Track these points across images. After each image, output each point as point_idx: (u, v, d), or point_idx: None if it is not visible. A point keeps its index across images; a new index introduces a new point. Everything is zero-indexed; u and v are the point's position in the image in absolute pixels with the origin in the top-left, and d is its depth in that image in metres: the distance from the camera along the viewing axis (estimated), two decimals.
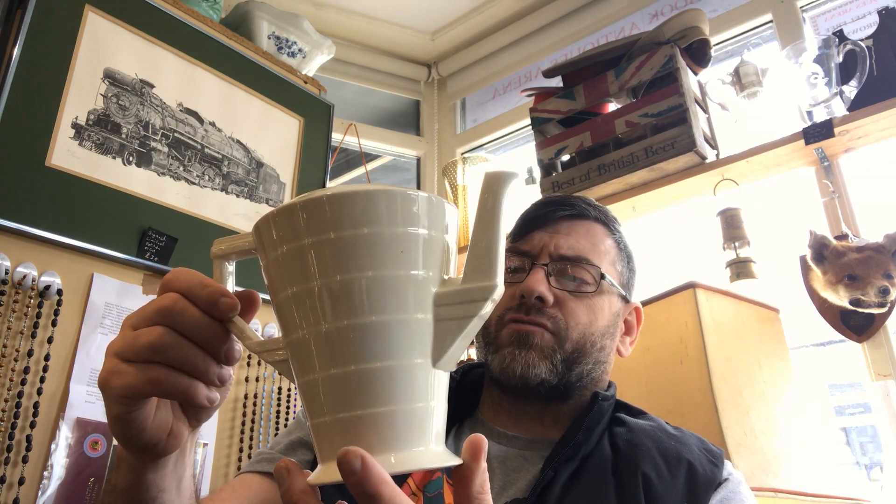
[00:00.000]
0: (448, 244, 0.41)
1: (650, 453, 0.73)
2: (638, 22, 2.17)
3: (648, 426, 0.79)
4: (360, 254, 0.38)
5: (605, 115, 1.68)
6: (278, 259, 0.40)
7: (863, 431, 1.69)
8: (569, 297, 0.82)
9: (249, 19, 1.77)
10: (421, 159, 2.57)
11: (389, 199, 0.38)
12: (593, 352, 0.82)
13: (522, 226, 0.89)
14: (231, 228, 1.53)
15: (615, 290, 0.85)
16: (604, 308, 0.84)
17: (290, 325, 0.40)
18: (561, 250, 0.83)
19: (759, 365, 1.26)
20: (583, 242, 0.84)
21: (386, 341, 0.38)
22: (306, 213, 0.38)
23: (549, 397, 0.80)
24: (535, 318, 0.80)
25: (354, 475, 0.35)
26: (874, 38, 1.45)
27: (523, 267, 0.84)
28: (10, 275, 1.17)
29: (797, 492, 1.10)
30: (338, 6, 2.37)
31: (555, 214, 0.87)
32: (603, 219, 0.89)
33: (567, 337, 0.80)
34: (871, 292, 1.26)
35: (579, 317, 0.81)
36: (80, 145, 1.31)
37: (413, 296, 0.39)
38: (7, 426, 1.12)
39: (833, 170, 1.50)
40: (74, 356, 1.23)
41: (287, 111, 1.75)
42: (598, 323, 0.83)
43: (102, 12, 1.40)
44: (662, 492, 0.69)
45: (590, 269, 0.83)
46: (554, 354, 0.79)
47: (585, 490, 0.71)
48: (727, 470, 0.76)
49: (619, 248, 0.89)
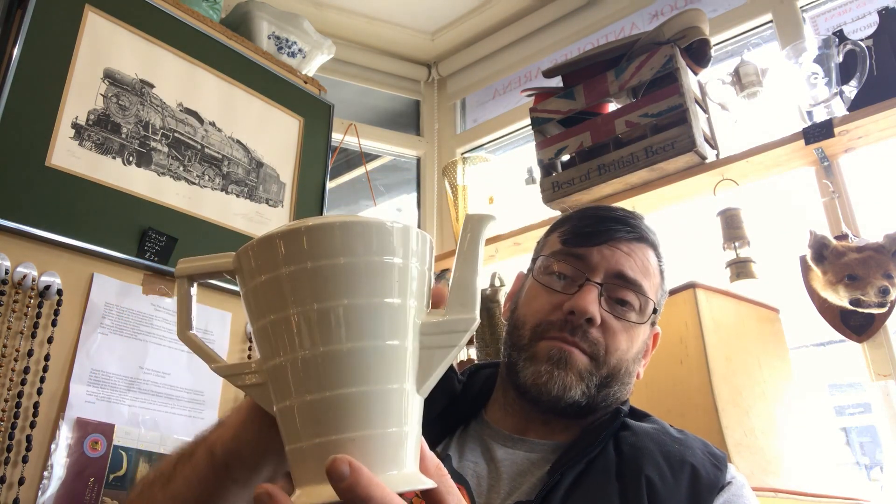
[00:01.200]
0: (425, 273, 0.43)
1: (653, 457, 0.73)
2: (638, 22, 2.17)
3: (652, 429, 0.79)
4: (336, 283, 0.39)
5: (605, 115, 1.68)
6: (258, 287, 0.41)
7: (863, 431, 1.69)
8: (615, 322, 0.80)
9: (249, 19, 1.77)
10: (421, 159, 2.57)
11: (365, 229, 0.40)
12: (623, 377, 0.82)
13: (581, 235, 0.85)
14: (231, 228, 1.53)
15: (653, 318, 0.85)
16: (640, 335, 0.84)
17: (268, 351, 0.41)
18: (618, 271, 0.81)
19: (759, 365, 1.26)
20: (640, 268, 0.83)
21: (361, 367, 0.39)
22: (284, 244, 0.40)
23: (570, 414, 0.80)
24: (578, 340, 0.78)
25: (344, 480, 0.35)
26: (874, 38, 1.45)
27: (575, 280, 0.82)
28: (10, 275, 1.17)
29: (797, 492, 1.10)
30: (338, 6, 2.37)
31: (618, 233, 0.84)
32: (656, 243, 0.88)
33: (605, 362, 0.79)
34: (871, 292, 1.26)
35: (620, 343, 0.80)
36: (80, 145, 1.31)
37: (388, 323, 0.40)
38: (7, 426, 1.12)
39: (833, 170, 1.50)
40: (74, 356, 1.23)
41: (287, 111, 1.75)
42: (634, 349, 0.82)
43: (102, 12, 1.40)
44: (666, 495, 0.69)
45: (640, 298, 0.82)
46: (591, 378, 0.78)
47: (589, 493, 0.71)
48: (730, 473, 0.76)
49: (661, 276, 0.88)
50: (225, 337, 1.46)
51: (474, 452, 0.82)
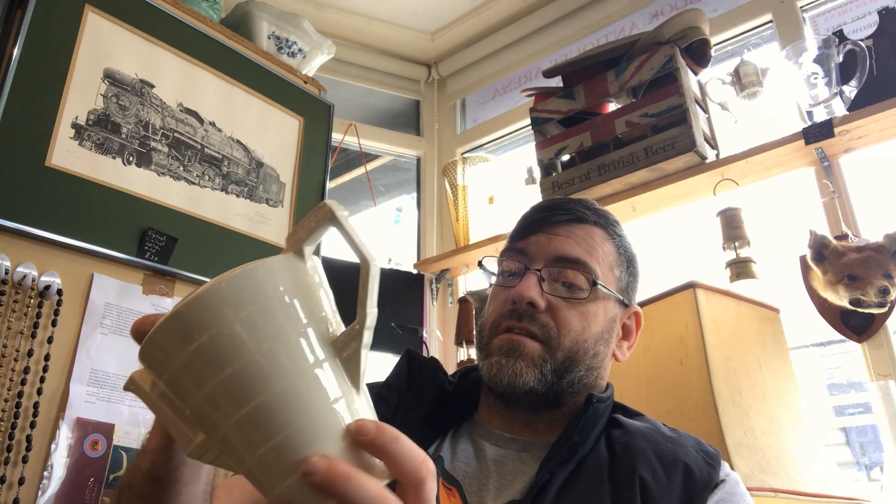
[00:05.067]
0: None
1: (646, 456, 0.73)
2: (638, 22, 2.17)
3: (645, 428, 0.79)
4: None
5: (605, 115, 1.67)
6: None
7: (863, 431, 1.69)
8: (562, 303, 0.80)
9: (249, 19, 1.77)
10: (421, 159, 2.57)
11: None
12: (586, 359, 0.81)
13: (520, 229, 0.88)
14: (231, 229, 1.53)
15: (611, 296, 0.84)
16: (597, 314, 0.82)
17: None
18: (556, 254, 0.82)
19: (759, 365, 1.26)
20: (580, 247, 0.83)
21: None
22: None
23: (538, 405, 0.80)
24: (526, 325, 0.79)
25: (317, 473, 0.36)
26: (874, 38, 1.45)
27: (518, 271, 0.83)
28: (10, 275, 1.17)
29: (797, 492, 1.10)
30: (338, 6, 2.37)
31: (553, 219, 0.85)
32: (602, 222, 0.87)
33: (558, 345, 0.79)
34: (871, 292, 1.26)
35: (571, 324, 0.80)
36: (80, 145, 1.31)
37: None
38: (7, 426, 1.12)
39: (833, 170, 1.50)
40: (74, 356, 1.23)
41: (287, 111, 1.75)
42: (592, 329, 0.81)
43: (102, 12, 1.40)
44: (659, 495, 0.69)
45: (584, 275, 0.81)
46: (544, 364, 0.78)
47: (581, 493, 0.71)
48: (724, 471, 0.76)
49: (618, 252, 0.87)
50: None
51: (466, 453, 0.82)
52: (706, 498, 0.71)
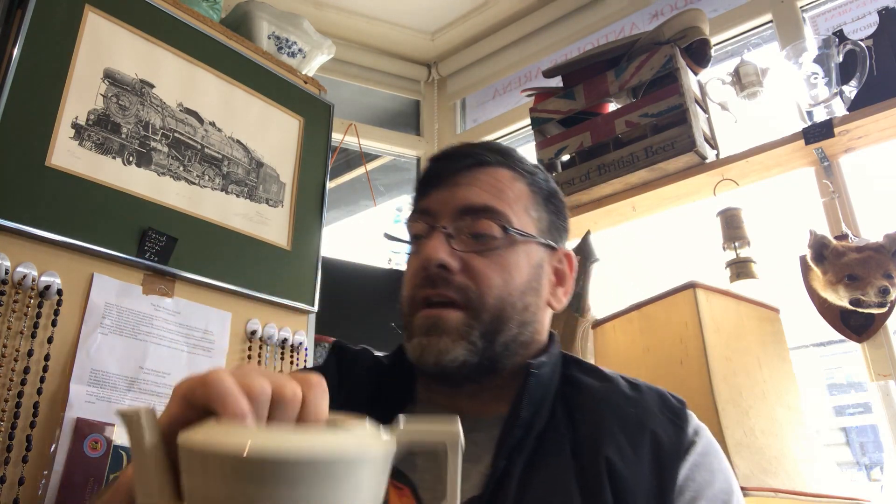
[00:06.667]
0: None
1: (611, 431, 0.68)
2: (638, 22, 2.17)
3: (603, 389, 0.74)
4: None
5: (605, 115, 1.68)
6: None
7: (863, 431, 1.69)
8: (476, 258, 0.72)
9: (249, 19, 1.77)
10: (421, 159, 2.57)
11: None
12: (515, 314, 0.73)
13: (420, 187, 0.79)
14: (231, 229, 1.53)
15: (531, 239, 0.76)
16: (519, 263, 0.74)
17: None
18: (460, 206, 0.74)
19: (759, 365, 1.26)
20: (485, 192, 0.74)
21: None
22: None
23: (475, 376, 0.73)
24: (442, 290, 0.71)
25: None
26: (874, 38, 1.45)
27: (425, 233, 0.75)
28: (10, 275, 1.17)
29: (797, 492, 1.10)
30: (338, 6, 2.37)
31: (450, 168, 0.77)
32: (508, 161, 0.78)
33: (482, 306, 0.71)
34: (871, 292, 1.26)
35: (491, 279, 0.72)
36: (80, 145, 1.31)
37: None
38: (7, 426, 1.12)
39: (833, 170, 1.50)
40: (74, 356, 1.23)
41: (287, 111, 1.75)
42: (515, 281, 0.73)
43: (102, 12, 1.40)
44: (628, 474, 0.65)
45: (495, 222, 0.73)
46: (470, 331, 0.70)
47: (545, 479, 0.65)
48: (691, 426, 0.72)
49: (531, 191, 0.78)
50: (225, 337, 1.46)
51: None
52: (678, 467, 0.67)
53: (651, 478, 0.66)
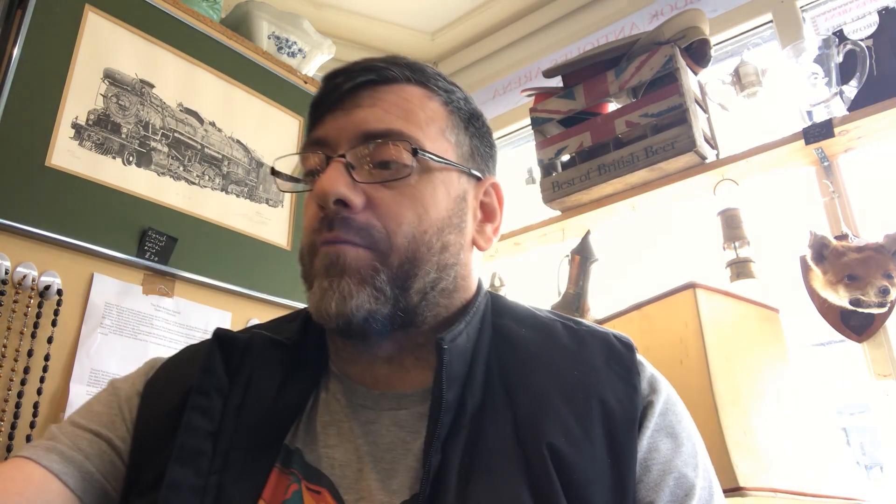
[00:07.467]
0: None
1: (553, 407, 0.57)
2: (638, 22, 2.17)
3: (541, 344, 0.63)
4: None
5: (605, 115, 1.67)
6: None
7: (863, 431, 1.69)
8: (382, 190, 0.60)
9: (249, 19, 1.77)
10: None
11: None
12: (431, 255, 0.61)
13: (312, 113, 0.67)
14: (231, 228, 1.53)
15: (450, 166, 0.64)
16: (436, 194, 0.62)
17: None
18: (360, 130, 0.61)
19: (759, 365, 1.26)
20: (391, 114, 0.62)
21: None
22: None
23: (389, 332, 0.60)
24: (340, 233, 0.59)
25: None
26: (874, 38, 1.45)
27: (321, 167, 0.63)
28: (10, 275, 1.17)
29: (797, 492, 1.10)
30: (338, 6, 2.37)
31: (348, 87, 0.64)
32: (419, 78, 0.66)
33: (391, 246, 0.59)
34: (871, 292, 1.26)
35: (401, 214, 0.60)
36: (80, 145, 1.31)
37: None
38: (7, 426, 1.12)
39: (833, 170, 1.50)
40: (74, 356, 1.23)
41: (287, 111, 1.75)
42: (431, 215, 0.61)
43: (102, 12, 1.40)
44: (577, 461, 0.54)
45: (407, 146, 0.61)
46: (376, 275, 0.58)
47: (487, 473, 0.54)
48: (645, 382, 0.63)
49: (449, 112, 0.67)
50: None
51: (330, 430, 0.62)
52: (634, 439, 0.57)
53: (606, 459, 0.56)
